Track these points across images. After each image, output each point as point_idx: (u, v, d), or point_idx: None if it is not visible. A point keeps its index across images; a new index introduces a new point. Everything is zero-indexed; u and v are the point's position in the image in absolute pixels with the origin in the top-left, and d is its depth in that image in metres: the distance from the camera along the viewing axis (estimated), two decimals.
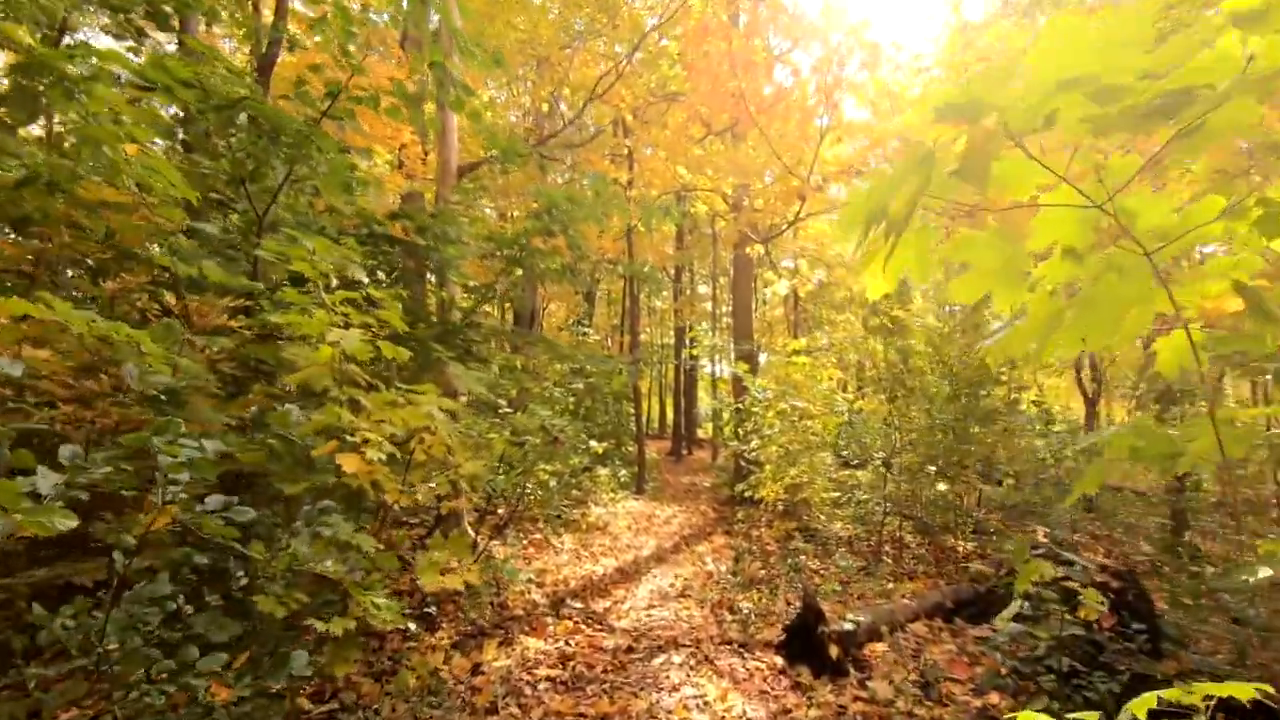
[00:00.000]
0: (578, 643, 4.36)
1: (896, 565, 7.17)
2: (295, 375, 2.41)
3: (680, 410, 21.05)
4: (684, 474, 16.38)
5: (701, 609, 5.29)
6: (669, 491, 13.26)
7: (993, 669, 3.75)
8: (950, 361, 7.77)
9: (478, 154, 9.32)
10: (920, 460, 7.04)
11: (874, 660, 4.07)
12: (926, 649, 4.30)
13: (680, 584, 6.05)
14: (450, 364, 3.28)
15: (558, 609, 5.09)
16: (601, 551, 7.30)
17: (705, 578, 6.29)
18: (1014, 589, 3.06)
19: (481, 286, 4.61)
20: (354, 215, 4.71)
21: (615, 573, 6.45)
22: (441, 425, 2.65)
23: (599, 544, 7.60)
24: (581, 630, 4.63)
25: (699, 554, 7.40)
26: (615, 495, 10.47)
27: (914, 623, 4.87)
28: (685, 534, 8.57)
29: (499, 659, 3.99)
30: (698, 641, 4.43)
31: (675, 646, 4.33)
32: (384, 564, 2.60)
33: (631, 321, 13.55)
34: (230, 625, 2.04)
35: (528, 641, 4.28)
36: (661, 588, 5.98)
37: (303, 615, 2.50)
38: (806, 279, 11.98)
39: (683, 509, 10.54)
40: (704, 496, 12.41)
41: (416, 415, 2.66)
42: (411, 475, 3.19)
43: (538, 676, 3.77)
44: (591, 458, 9.96)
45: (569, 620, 4.80)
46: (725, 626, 4.76)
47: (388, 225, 4.70)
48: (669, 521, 9.44)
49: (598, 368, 4.95)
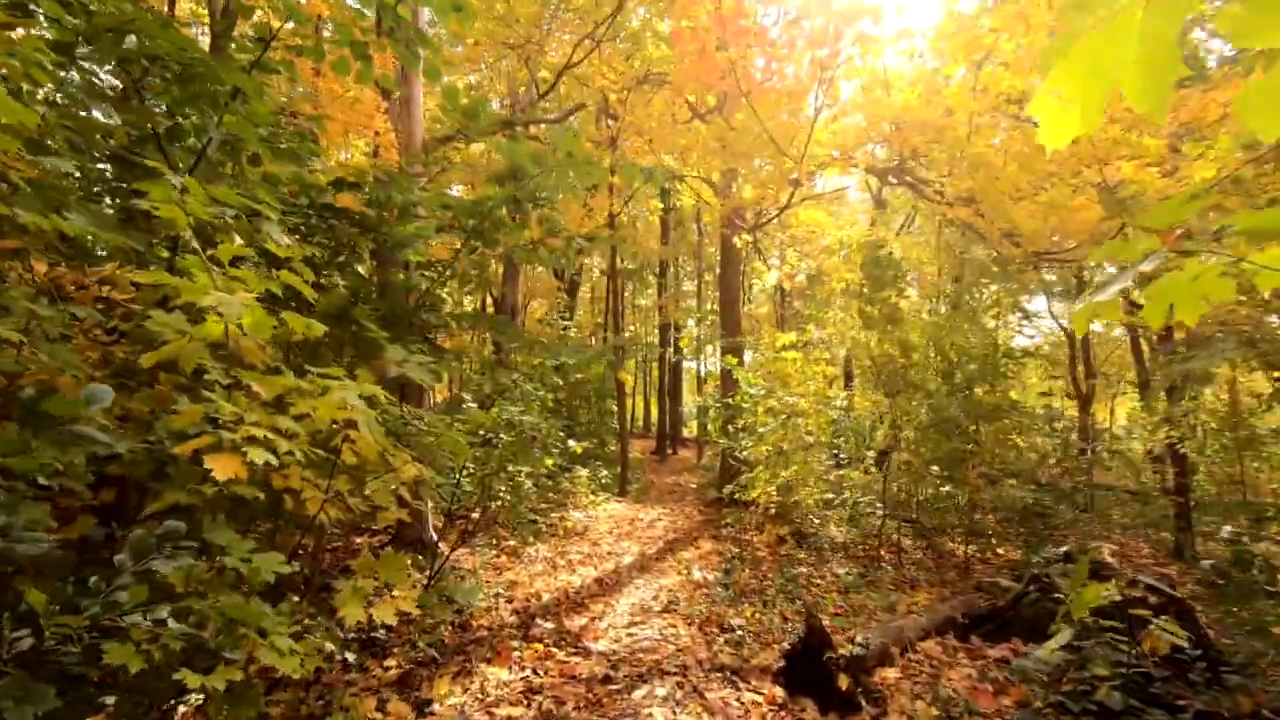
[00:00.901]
0: (548, 671, 3.80)
1: (896, 572, 6.70)
2: (152, 354, 1.83)
3: (665, 408, 20.53)
4: (669, 474, 15.86)
5: (689, 626, 4.75)
6: (653, 492, 12.72)
7: (1024, 700, 3.26)
8: (949, 354, 7.33)
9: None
10: (924, 459, 6.56)
11: (887, 689, 3.56)
12: (943, 673, 3.80)
13: (665, 596, 5.51)
14: (390, 347, 2.70)
15: (527, 629, 4.52)
16: (580, 559, 6.74)
17: (692, 589, 5.75)
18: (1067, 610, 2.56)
19: (439, 264, 4.02)
20: (291, 181, 4.10)
21: (594, 584, 5.89)
22: (362, 417, 2.08)
23: (577, 551, 7.04)
24: (553, 654, 4.07)
25: (685, 561, 6.87)
26: (596, 498, 9.92)
27: (925, 641, 4.38)
28: (670, 538, 8.04)
29: (453, 694, 3.41)
30: (685, 668, 3.89)
31: (660, 675, 3.78)
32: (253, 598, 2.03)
33: (613, 302, 12.97)
34: (42, 695, 1.47)
35: (489, 671, 3.70)
36: (644, 601, 5.43)
37: (175, 664, 1.92)
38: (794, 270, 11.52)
39: (668, 511, 10.01)
40: (689, 498, 11.90)
41: (328, 406, 2.09)
42: (338, 481, 2.61)
43: (496, 718, 3.20)
44: (570, 457, 9.40)
45: (539, 642, 4.23)
46: (716, 649, 4.23)
47: (330, 194, 4.10)
48: (653, 525, 8.90)
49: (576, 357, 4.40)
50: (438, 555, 4.91)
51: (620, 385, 11.83)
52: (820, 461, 7.88)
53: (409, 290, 3.99)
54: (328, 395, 2.07)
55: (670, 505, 10.80)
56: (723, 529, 8.35)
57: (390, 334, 3.32)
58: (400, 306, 3.66)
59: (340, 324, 3.20)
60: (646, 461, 17.57)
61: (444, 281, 4.28)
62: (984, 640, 4.28)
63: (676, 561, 6.88)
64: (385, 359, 2.64)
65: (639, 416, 29.77)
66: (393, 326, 3.59)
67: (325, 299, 3.07)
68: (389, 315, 3.66)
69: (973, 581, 6.82)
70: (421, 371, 2.67)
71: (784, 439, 7.57)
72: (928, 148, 7.36)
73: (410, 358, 2.72)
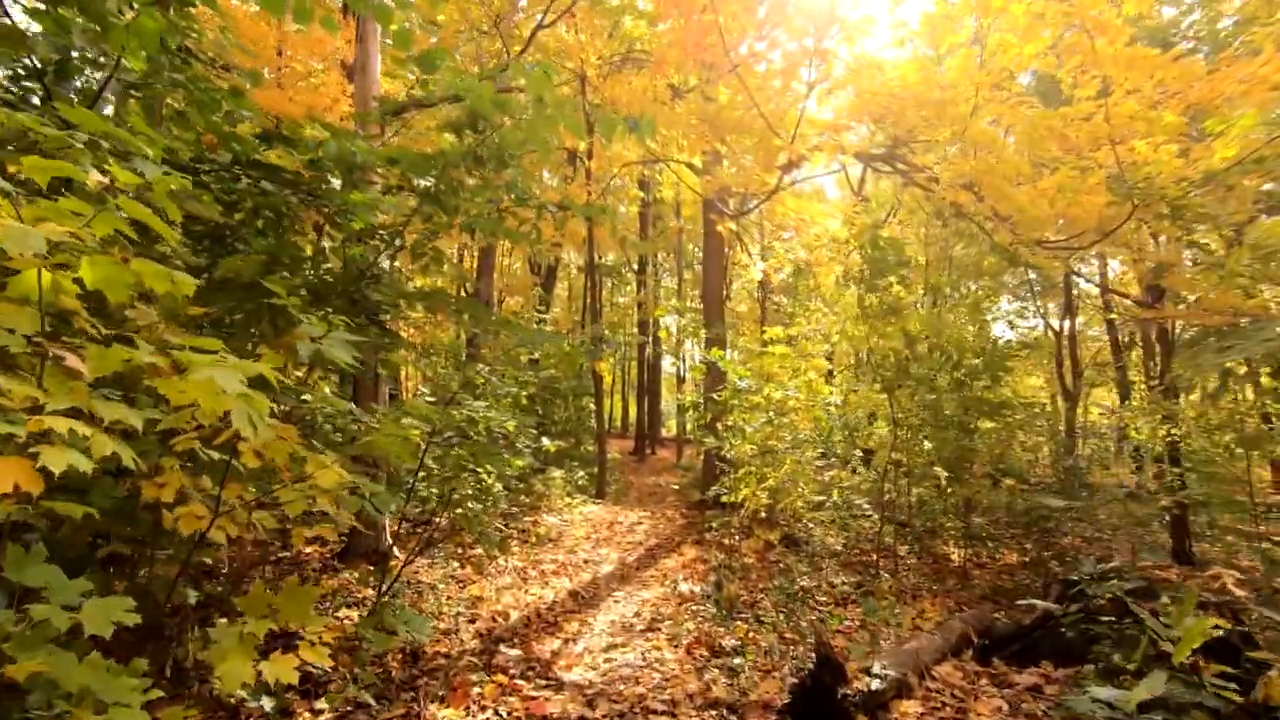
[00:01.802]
0: (511, 712, 3.21)
1: (894, 580, 6.24)
2: None
3: (644, 407, 19.99)
4: (648, 474, 15.33)
5: (675, 649, 4.20)
6: (633, 494, 12.17)
7: None
8: (947, 347, 6.89)
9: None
10: (926, 459, 6.10)
11: None
12: (969, 706, 3.31)
13: (648, 612, 4.95)
14: (308, 321, 2.11)
15: (491, 655, 3.93)
16: (553, 569, 6.15)
17: (678, 603, 5.21)
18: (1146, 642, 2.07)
19: (385, 231, 3.41)
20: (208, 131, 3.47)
21: (568, 598, 5.31)
22: (240, 406, 1.48)
23: (550, 560, 6.45)
24: (518, 689, 3.49)
25: (669, 570, 6.33)
26: (572, 500, 9.32)
27: (941, 664, 3.89)
28: (652, 544, 7.49)
29: None
30: (674, 703, 3.33)
31: (644, 714, 3.22)
32: None
33: (591, 299, 12.38)
34: None
35: (441, 715, 3.11)
36: (625, 618, 4.87)
37: None
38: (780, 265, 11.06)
39: (648, 514, 9.46)
40: (671, 499, 11.37)
41: (199, 388, 1.49)
42: (229, 490, 2.01)
43: None
44: (544, 457, 8.79)
45: (502, 673, 3.64)
46: (709, 678, 3.68)
47: (257, 149, 3.48)
48: (633, 529, 8.34)
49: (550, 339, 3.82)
50: (388, 571, 4.29)
51: (598, 379, 11.24)
52: (811, 462, 7.40)
53: (348, 261, 3.37)
54: (190, 376, 1.47)
55: (651, 507, 10.25)
56: (707, 533, 7.82)
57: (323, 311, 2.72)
58: (334, 277, 3.05)
59: (253, 295, 2.59)
60: (625, 461, 17.02)
61: (394, 253, 3.67)
62: (1008, 664, 3.81)
63: (659, 571, 6.34)
64: (296, 335, 2.04)
65: (617, 415, 29.21)
66: (324, 301, 2.98)
67: (229, 262, 2.45)
68: (321, 288, 3.04)
69: (975, 588, 6.40)
70: (343, 352, 2.07)
71: (773, 437, 7.07)
72: (926, 128, 6.90)
73: (332, 336, 2.12)
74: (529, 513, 8.15)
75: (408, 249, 3.64)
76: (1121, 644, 2.97)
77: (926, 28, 7.60)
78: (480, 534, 3.82)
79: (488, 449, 4.07)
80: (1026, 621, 3.86)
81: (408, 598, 4.80)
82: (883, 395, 6.79)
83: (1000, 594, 6.17)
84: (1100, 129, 5.26)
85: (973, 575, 6.85)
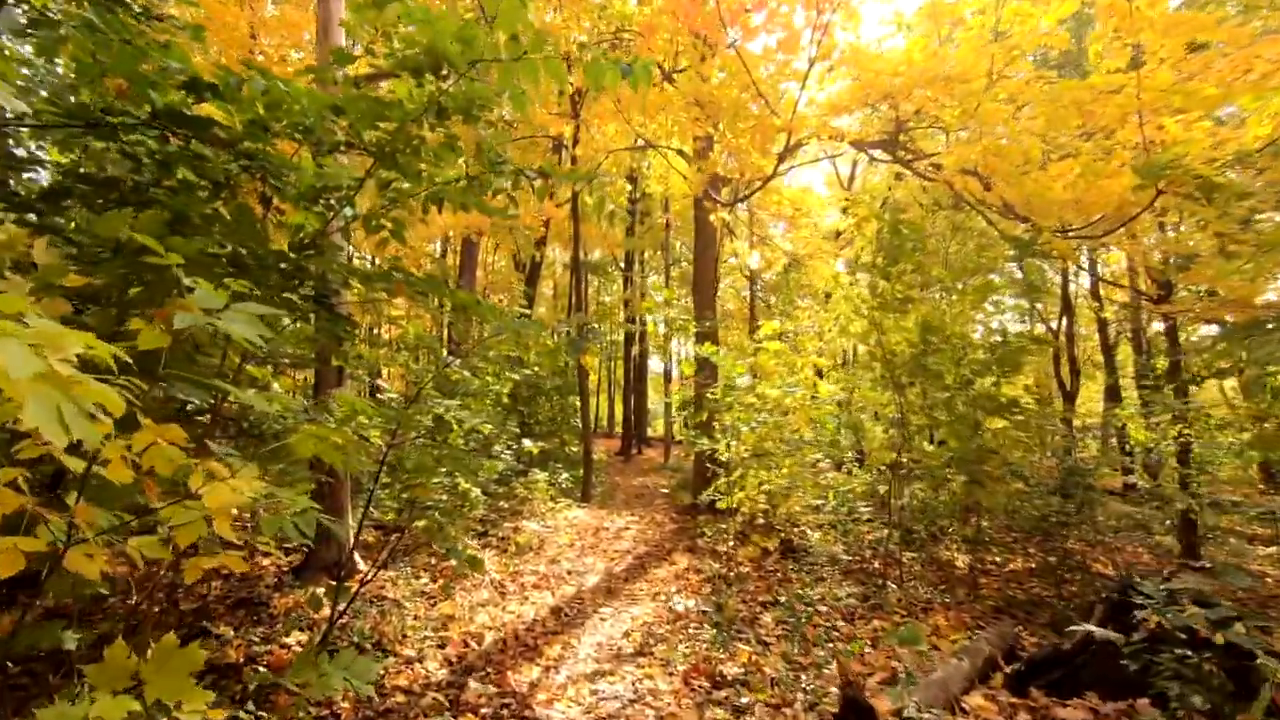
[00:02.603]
0: None
1: (902, 591, 5.80)
2: None
3: (630, 405, 19.50)
4: (635, 475, 14.85)
5: (670, 678, 3.71)
6: (619, 496, 11.68)
7: None
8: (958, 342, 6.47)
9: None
10: (941, 461, 5.67)
11: None
12: None
13: (639, 634, 4.46)
14: (200, 289, 1.59)
15: (460, 689, 3.42)
16: (534, 582, 5.64)
17: (672, 621, 4.72)
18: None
19: (329, 195, 2.88)
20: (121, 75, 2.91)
21: (550, 616, 4.81)
22: (32, 393, 0.98)
23: (531, 571, 5.93)
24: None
25: (659, 582, 5.84)
26: (555, 504, 8.80)
27: (970, 694, 3.45)
28: (641, 552, 7.00)
29: None
30: None
31: None
32: None
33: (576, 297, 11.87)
34: None
35: None
36: (613, 640, 4.37)
37: None
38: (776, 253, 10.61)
39: (636, 518, 8.96)
40: (659, 502, 10.88)
41: None
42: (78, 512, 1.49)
43: None
44: (527, 458, 8.27)
45: (473, 713, 3.14)
46: (710, 716, 3.19)
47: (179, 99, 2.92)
48: (620, 535, 7.84)
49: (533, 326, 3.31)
50: (344, 591, 3.75)
51: (584, 374, 10.72)
52: (811, 465, 6.95)
53: (282, 227, 2.84)
54: None
55: (638, 511, 9.76)
56: (699, 540, 7.35)
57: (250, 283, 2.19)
58: (262, 247, 2.52)
59: (153, 264, 2.05)
60: (611, 462, 16.53)
61: (345, 223, 3.14)
62: (1047, 694, 3.36)
63: (649, 582, 5.84)
64: (180, 304, 1.52)
65: (603, 415, 28.71)
66: (248, 273, 2.45)
67: (111, 219, 1.92)
68: (246, 258, 2.51)
69: (986, 600, 5.98)
70: (248, 328, 1.56)
71: (771, 438, 6.61)
72: (934, 107, 6.48)
73: (235, 307, 1.61)
74: (509, 519, 7.62)
75: (359, 219, 3.11)
76: (1199, 681, 2.54)
77: (929, 8, 7.21)
78: (449, 549, 3.30)
79: (455, 454, 3.55)
80: (1066, 646, 3.43)
81: (370, 619, 4.27)
82: (887, 393, 6.36)
83: (1014, 605, 5.77)
84: (1130, 103, 4.86)
85: (981, 584, 6.44)
